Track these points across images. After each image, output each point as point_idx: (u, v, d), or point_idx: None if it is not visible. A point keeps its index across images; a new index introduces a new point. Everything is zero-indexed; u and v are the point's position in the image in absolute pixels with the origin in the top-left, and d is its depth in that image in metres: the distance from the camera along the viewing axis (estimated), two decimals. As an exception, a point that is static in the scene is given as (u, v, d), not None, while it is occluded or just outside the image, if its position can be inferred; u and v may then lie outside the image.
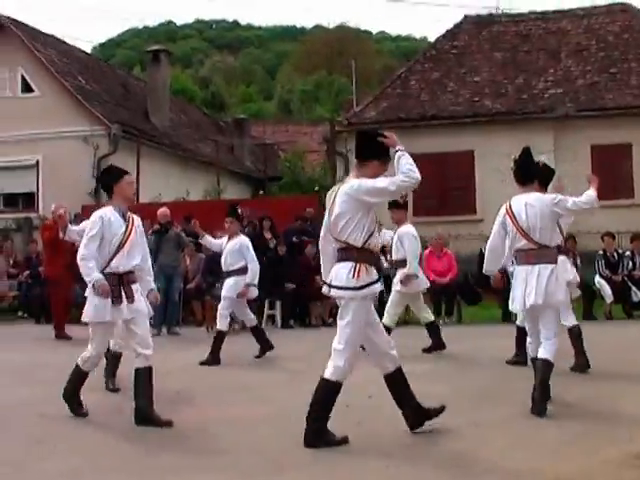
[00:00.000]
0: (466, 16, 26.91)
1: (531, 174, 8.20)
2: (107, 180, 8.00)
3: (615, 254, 16.92)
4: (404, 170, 6.32)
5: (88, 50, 37.73)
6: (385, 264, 17.34)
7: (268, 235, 17.47)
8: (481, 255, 17.15)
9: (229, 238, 11.85)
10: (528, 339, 8.24)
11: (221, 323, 11.59)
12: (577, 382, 9.03)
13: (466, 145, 22.30)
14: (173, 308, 15.97)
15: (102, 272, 7.59)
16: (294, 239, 17.27)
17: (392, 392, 6.82)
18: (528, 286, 7.84)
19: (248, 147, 35.50)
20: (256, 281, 11.89)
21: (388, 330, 11.95)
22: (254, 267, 11.77)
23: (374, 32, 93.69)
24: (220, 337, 11.42)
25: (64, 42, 28.52)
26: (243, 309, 12.00)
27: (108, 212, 7.74)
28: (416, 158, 6.46)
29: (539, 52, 24.42)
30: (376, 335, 6.72)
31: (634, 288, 16.51)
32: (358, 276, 6.45)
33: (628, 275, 16.74)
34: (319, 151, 35.90)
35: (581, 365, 9.72)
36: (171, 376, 9.72)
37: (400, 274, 11.86)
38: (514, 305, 8.15)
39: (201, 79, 65.41)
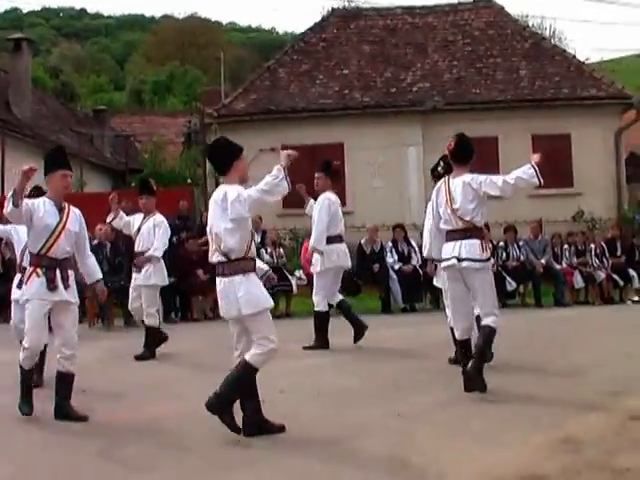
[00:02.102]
0: (333, 9, 27.13)
1: None
2: (226, 154, 6.75)
3: (490, 244, 17.31)
4: (520, 175, 7.89)
5: None
6: (266, 256, 17.37)
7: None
8: (360, 247, 17.33)
9: None
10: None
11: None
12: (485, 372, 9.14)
13: (336, 137, 22.29)
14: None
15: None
16: (174, 240, 16.87)
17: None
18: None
19: (108, 138, 34.82)
20: None
21: (158, 328, 11.36)
22: None
23: (224, 23, 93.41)
24: None
25: None
26: None
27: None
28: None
29: (406, 46, 24.67)
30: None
31: (508, 278, 16.98)
32: (486, 250, 8.02)
33: (502, 265, 17.20)
34: (176, 142, 35.61)
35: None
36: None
37: (150, 266, 11.27)
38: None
39: (51, 68, 63.48)
